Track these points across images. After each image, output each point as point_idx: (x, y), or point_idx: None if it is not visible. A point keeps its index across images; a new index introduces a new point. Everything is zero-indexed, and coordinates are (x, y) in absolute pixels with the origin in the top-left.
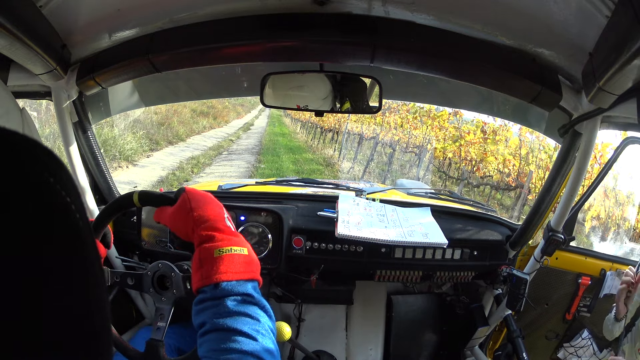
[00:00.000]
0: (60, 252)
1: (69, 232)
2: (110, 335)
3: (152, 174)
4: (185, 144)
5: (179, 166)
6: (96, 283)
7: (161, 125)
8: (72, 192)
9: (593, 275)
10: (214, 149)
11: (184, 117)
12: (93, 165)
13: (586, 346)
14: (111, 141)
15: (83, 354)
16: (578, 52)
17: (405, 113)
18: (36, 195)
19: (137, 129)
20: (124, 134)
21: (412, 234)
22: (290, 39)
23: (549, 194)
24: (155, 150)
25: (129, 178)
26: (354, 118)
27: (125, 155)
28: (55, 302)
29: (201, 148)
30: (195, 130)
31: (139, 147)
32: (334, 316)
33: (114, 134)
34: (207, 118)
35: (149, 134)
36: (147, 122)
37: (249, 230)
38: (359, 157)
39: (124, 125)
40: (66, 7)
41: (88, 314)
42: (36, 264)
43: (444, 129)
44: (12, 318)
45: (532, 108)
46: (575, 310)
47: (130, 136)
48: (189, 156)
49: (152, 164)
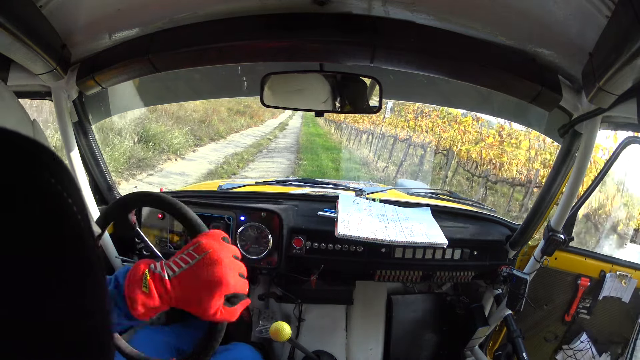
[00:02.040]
0: (61, 253)
1: (70, 233)
2: (111, 336)
3: (200, 167)
4: (226, 141)
5: (225, 161)
6: (97, 283)
7: (202, 122)
8: (73, 193)
9: (592, 276)
10: (254, 146)
11: (222, 116)
12: (93, 165)
13: (585, 349)
14: (159, 135)
15: (84, 355)
16: (578, 52)
17: (435, 118)
18: (37, 196)
19: (181, 125)
20: (172, 129)
21: (412, 234)
22: (290, 39)
23: (549, 194)
24: (199, 146)
25: (180, 169)
26: (388, 121)
27: (174, 149)
28: (56, 302)
29: (242, 145)
30: (234, 128)
31: (185, 142)
32: (334, 316)
33: (162, 129)
34: (244, 117)
35: (192, 130)
36: (188, 119)
37: (249, 230)
38: (393, 158)
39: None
40: (66, 7)
41: (89, 314)
42: (37, 265)
43: (468, 132)
44: (12, 318)
45: (532, 108)
46: (574, 312)
47: (178, 131)
48: (232, 152)
49: (198, 158)
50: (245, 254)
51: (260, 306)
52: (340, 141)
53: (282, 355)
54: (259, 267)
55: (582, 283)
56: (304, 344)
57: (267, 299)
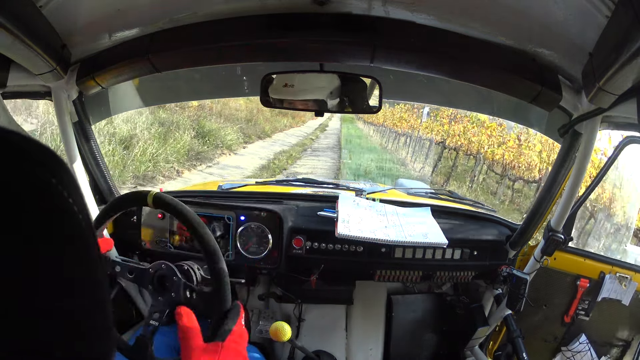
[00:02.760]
0: (62, 252)
1: (71, 233)
2: (112, 335)
3: (252, 162)
4: (271, 139)
5: (275, 157)
6: (98, 283)
7: (249, 121)
8: (74, 192)
9: (592, 277)
10: (299, 145)
11: (266, 115)
12: (93, 165)
13: (584, 351)
14: (214, 132)
15: (85, 354)
16: (578, 52)
17: (466, 123)
18: (38, 196)
19: (231, 124)
20: (225, 126)
21: (412, 234)
22: (290, 39)
23: (549, 194)
24: (248, 143)
25: (235, 163)
26: (424, 125)
27: (227, 145)
28: (57, 302)
29: (287, 144)
30: (278, 127)
31: (237, 138)
32: (334, 316)
33: (216, 126)
34: (287, 117)
35: (241, 129)
36: (235, 118)
37: (249, 231)
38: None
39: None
40: (66, 7)
41: (89, 313)
42: (38, 264)
43: (493, 136)
44: (13, 318)
45: (532, 108)
46: (573, 313)
47: (229, 129)
48: (279, 150)
49: (248, 154)
50: (245, 254)
51: (260, 306)
52: (380, 142)
53: (282, 355)
54: (259, 267)
55: (582, 284)
56: (304, 344)
57: (267, 299)
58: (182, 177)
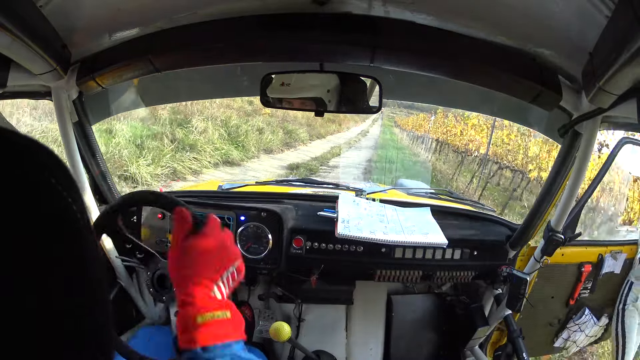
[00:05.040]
0: (61, 252)
1: (69, 232)
2: (112, 334)
3: (316, 151)
4: (325, 139)
5: (330, 150)
6: (97, 282)
7: (309, 125)
8: (72, 191)
9: (592, 261)
10: (346, 144)
11: (321, 122)
12: (93, 165)
13: (587, 321)
14: (295, 131)
15: (84, 353)
16: (578, 52)
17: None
18: (37, 195)
19: (300, 126)
20: (299, 128)
21: (412, 234)
22: (290, 39)
23: (549, 194)
24: (311, 140)
25: (306, 152)
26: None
27: (302, 139)
28: (55, 300)
29: (337, 143)
30: (329, 131)
31: (306, 136)
32: (334, 316)
33: (295, 127)
34: (335, 124)
35: (306, 130)
36: (298, 122)
37: (249, 231)
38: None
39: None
40: (66, 7)
41: (88, 312)
42: (36, 264)
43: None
44: (11, 316)
45: (532, 108)
46: (577, 295)
47: (300, 129)
48: (331, 146)
49: (313, 147)
50: (246, 254)
51: (260, 306)
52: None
53: (282, 355)
54: (259, 267)
55: (585, 269)
56: (304, 344)
57: (267, 299)
58: (282, 154)
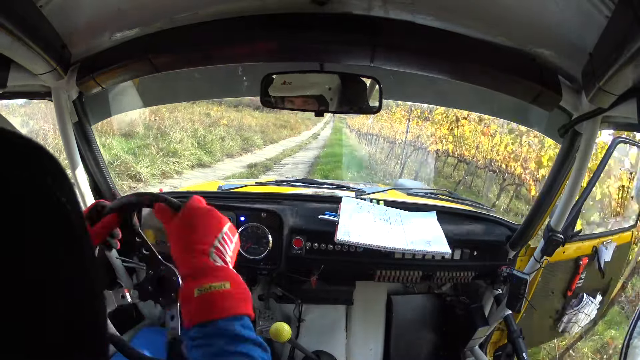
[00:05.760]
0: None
1: (63, 233)
2: (106, 333)
3: (269, 154)
4: (279, 144)
5: (282, 152)
6: (92, 282)
7: (262, 132)
8: (67, 192)
9: (588, 254)
10: (297, 146)
11: (273, 129)
12: (93, 165)
13: (586, 304)
14: (251, 137)
15: (81, 351)
16: (578, 52)
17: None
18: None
19: (255, 133)
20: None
21: (414, 241)
22: (290, 39)
23: (549, 194)
24: (265, 145)
25: (259, 155)
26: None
27: (256, 144)
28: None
29: (289, 146)
30: (282, 137)
31: (260, 142)
32: (334, 316)
33: (248, 134)
34: (286, 129)
35: (261, 136)
36: (252, 130)
37: (249, 231)
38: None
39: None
40: (66, 7)
41: (82, 312)
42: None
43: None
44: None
45: (532, 108)
46: (575, 287)
47: (256, 136)
48: (285, 149)
49: (267, 151)
50: (246, 255)
51: (260, 306)
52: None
53: (282, 355)
54: (259, 267)
55: (583, 262)
56: (304, 344)
57: (267, 299)
58: (241, 157)
